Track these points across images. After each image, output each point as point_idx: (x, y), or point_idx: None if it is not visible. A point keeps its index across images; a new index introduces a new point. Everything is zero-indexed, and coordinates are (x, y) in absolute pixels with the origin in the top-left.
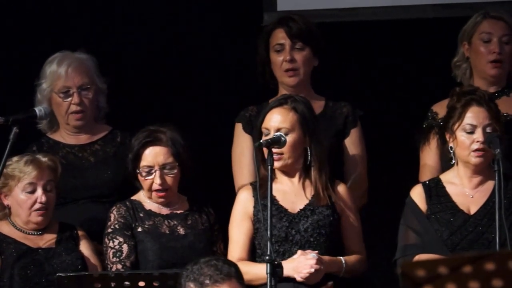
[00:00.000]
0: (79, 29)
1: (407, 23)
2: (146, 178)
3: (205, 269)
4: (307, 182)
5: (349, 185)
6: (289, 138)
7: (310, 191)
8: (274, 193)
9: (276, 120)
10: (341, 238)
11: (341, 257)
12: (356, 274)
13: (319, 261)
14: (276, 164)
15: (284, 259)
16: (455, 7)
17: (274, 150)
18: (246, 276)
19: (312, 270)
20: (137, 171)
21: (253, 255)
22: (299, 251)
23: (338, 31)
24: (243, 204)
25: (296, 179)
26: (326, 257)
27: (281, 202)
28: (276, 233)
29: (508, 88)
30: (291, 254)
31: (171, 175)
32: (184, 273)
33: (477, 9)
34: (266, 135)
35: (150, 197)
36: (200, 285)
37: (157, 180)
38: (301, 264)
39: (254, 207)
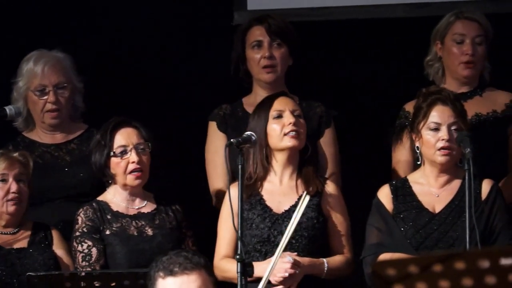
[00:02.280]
0: (56, 28)
1: (378, 22)
2: (123, 157)
3: (175, 258)
4: (300, 181)
5: None
6: (304, 121)
7: (300, 191)
8: (262, 192)
9: (289, 103)
10: (328, 239)
11: (323, 259)
12: (342, 275)
13: (294, 265)
14: (295, 142)
15: (266, 259)
16: (426, 6)
17: (293, 127)
18: (228, 274)
19: (286, 274)
20: (111, 154)
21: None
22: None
23: (309, 30)
24: (231, 201)
25: (287, 177)
26: (306, 259)
27: (267, 202)
28: (259, 233)
29: (480, 88)
30: (273, 254)
31: (145, 155)
32: (154, 264)
33: (447, 9)
34: (277, 117)
35: (124, 184)
36: (169, 273)
37: (134, 157)
38: (276, 266)
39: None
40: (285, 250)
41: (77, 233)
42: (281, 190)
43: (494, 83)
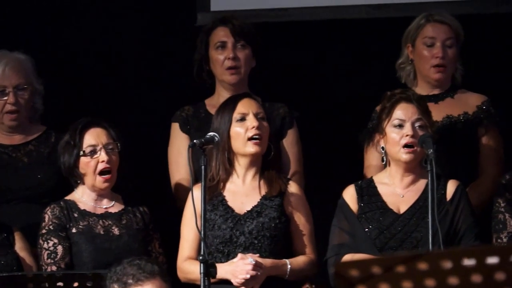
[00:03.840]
0: (16, 29)
1: (340, 24)
2: (93, 157)
3: (128, 269)
4: (262, 182)
5: None
6: (267, 124)
7: (263, 191)
8: (224, 193)
9: (252, 105)
10: (291, 240)
11: (286, 260)
12: (305, 276)
13: (256, 267)
14: (258, 149)
15: (228, 260)
16: (388, 8)
17: (257, 131)
18: (191, 275)
19: (248, 276)
20: (81, 154)
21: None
22: (239, 255)
23: (271, 31)
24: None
25: (250, 177)
26: (268, 260)
27: (230, 203)
28: (221, 234)
29: (452, 90)
30: (235, 255)
31: (114, 155)
32: (108, 275)
33: (411, 10)
34: (240, 120)
35: (93, 185)
36: (123, 285)
37: (104, 157)
38: (238, 268)
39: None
40: (248, 250)
41: (43, 231)
42: (243, 191)
43: (467, 84)
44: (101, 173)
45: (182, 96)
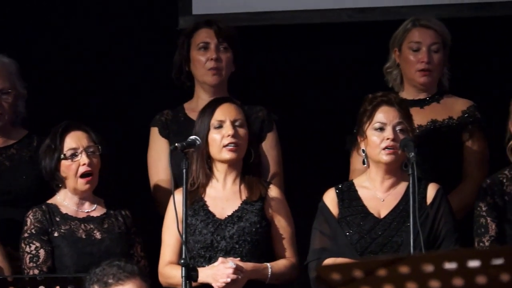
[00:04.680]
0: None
1: (322, 27)
2: (73, 160)
3: (108, 269)
4: (243, 186)
5: None
6: (245, 130)
7: (243, 196)
8: (205, 197)
9: (231, 111)
10: (272, 244)
11: (267, 264)
12: (287, 280)
13: (237, 270)
14: (233, 155)
15: (210, 265)
16: (370, 11)
17: (232, 140)
18: (172, 280)
19: (228, 279)
20: (62, 157)
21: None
22: (220, 258)
23: (253, 35)
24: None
25: (230, 182)
26: (249, 264)
27: (210, 208)
28: (202, 239)
29: (438, 95)
30: (216, 260)
31: (95, 158)
32: (88, 277)
33: (393, 13)
34: (218, 127)
35: (75, 188)
36: (104, 285)
37: (85, 160)
38: (219, 272)
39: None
40: (229, 255)
41: (26, 235)
42: (224, 196)
43: (453, 89)
44: (82, 175)
45: (162, 100)
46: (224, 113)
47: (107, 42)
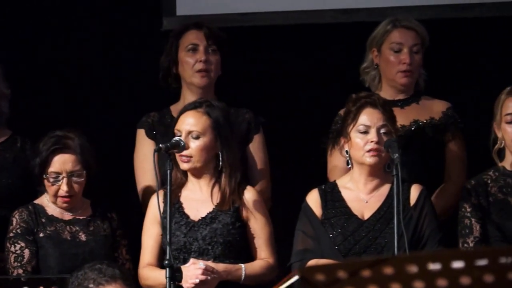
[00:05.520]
0: None
1: (306, 28)
2: (54, 184)
3: (89, 273)
4: (216, 189)
5: None
6: (199, 142)
7: (217, 198)
8: (181, 199)
9: (188, 122)
10: (249, 244)
11: (241, 264)
12: (263, 280)
13: (206, 271)
14: (185, 166)
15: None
16: (355, 12)
17: (183, 152)
18: (148, 282)
19: (197, 281)
20: (44, 176)
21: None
22: (191, 259)
23: (238, 36)
24: (153, 209)
25: (205, 185)
26: (221, 265)
27: (185, 209)
28: (175, 241)
29: (416, 96)
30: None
31: (78, 183)
32: (70, 280)
33: (377, 15)
34: (179, 136)
35: (54, 202)
36: None
37: (64, 187)
38: (189, 273)
39: (163, 212)
40: (202, 256)
41: (11, 234)
42: (199, 198)
43: (429, 90)
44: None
45: (148, 101)
46: (184, 123)
47: (91, 43)
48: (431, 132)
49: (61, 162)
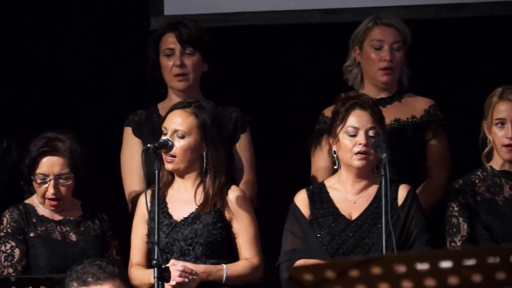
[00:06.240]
0: None
1: (294, 28)
2: (41, 186)
3: (88, 268)
4: (200, 190)
5: None
6: (184, 142)
7: (200, 199)
8: (167, 199)
9: (175, 121)
10: (233, 245)
11: (223, 265)
12: (248, 281)
13: (185, 273)
14: (169, 166)
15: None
16: (341, 12)
17: (170, 153)
18: (135, 282)
19: (174, 282)
20: (32, 177)
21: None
22: (172, 260)
23: (225, 36)
24: (141, 209)
25: (190, 185)
26: (201, 266)
27: (170, 210)
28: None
29: (399, 94)
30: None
31: (65, 186)
32: (68, 273)
33: (364, 15)
34: (165, 134)
35: (43, 203)
36: (83, 283)
37: (51, 190)
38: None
39: (150, 211)
40: (183, 256)
41: (2, 233)
42: (183, 198)
43: (413, 88)
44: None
45: (135, 100)
46: (170, 122)
47: (79, 42)
48: (411, 131)
49: (49, 165)
